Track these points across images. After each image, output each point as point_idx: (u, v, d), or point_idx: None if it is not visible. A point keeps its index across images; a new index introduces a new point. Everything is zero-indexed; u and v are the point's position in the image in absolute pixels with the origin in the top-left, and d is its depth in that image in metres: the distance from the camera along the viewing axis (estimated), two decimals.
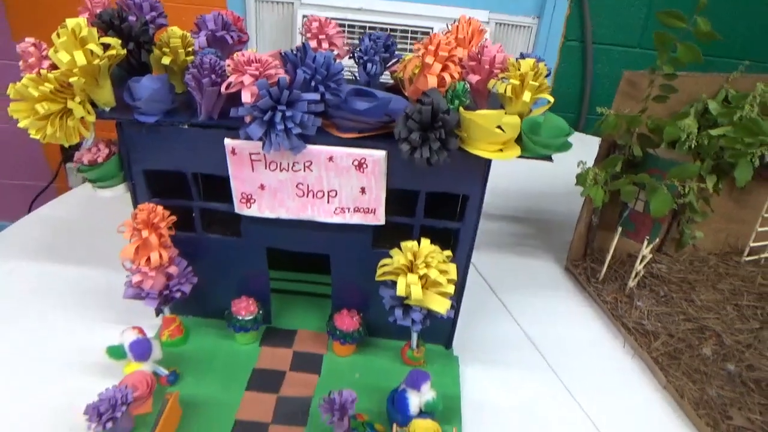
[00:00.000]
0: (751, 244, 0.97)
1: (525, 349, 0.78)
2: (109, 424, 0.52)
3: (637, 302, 0.86)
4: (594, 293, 0.88)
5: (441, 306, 0.62)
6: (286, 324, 0.76)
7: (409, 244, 0.62)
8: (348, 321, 0.71)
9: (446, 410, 0.64)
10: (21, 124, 0.56)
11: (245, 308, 0.70)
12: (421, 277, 0.61)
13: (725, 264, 0.98)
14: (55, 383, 0.66)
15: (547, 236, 1.03)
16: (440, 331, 0.74)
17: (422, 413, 0.61)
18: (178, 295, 0.67)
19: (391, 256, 0.64)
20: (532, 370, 0.75)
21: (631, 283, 0.88)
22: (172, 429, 0.60)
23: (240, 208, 0.65)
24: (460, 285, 0.69)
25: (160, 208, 0.63)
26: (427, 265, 0.61)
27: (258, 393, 0.66)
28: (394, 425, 0.60)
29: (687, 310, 0.86)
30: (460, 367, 0.73)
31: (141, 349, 0.62)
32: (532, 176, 1.22)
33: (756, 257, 0.98)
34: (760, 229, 0.96)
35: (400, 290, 0.61)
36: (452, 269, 0.63)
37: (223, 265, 0.71)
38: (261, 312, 0.72)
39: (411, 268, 0.61)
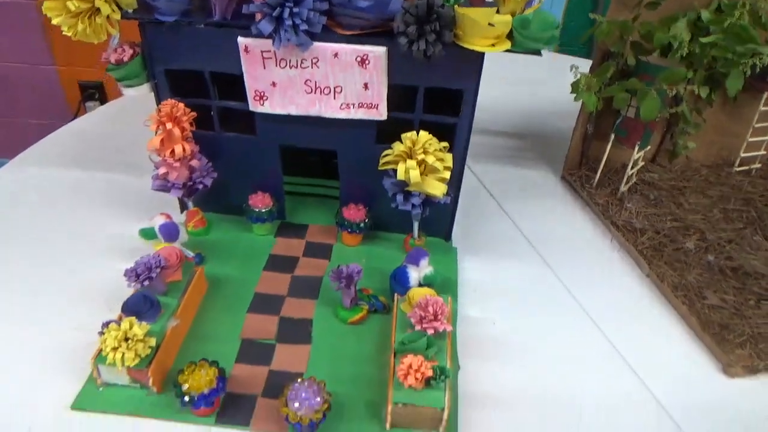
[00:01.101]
0: (742, 155, 1.01)
1: (519, 244, 0.85)
2: (146, 282, 0.60)
3: (627, 204, 0.91)
4: (587, 197, 0.94)
5: (438, 189, 0.68)
6: (299, 219, 0.83)
7: (409, 134, 0.68)
8: (355, 212, 0.77)
9: (443, 287, 0.71)
10: (54, 21, 0.62)
11: (261, 201, 0.77)
12: (419, 164, 0.67)
13: (716, 174, 1.02)
14: (95, 266, 0.74)
15: (545, 150, 1.08)
16: (440, 223, 0.81)
17: (421, 286, 0.68)
18: (200, 186, 0.74)
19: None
20: (524, 260, 0.81)
21: (623, 188, 0.94)
22: (198, 297, 0.68)
23: (254, 106, 0.71)
24: (457, 178, 0.75)
25: (181, 104, 0.69)
26: (425, 152, 0.67)
27: (274, 273, 0.74)
28: (396, 296, 0.67)
29: (675, 211, 0.91)
30: (457, 257, 0.80)
31: (169, 231, 0.70)
32: (532, 98, 1.26)
33: (746, 168, 1.03)
34: (750, 139, 1.00)
35: (400, 174, 0.67)
36: (448, 158, 0.69)
37: (240, 162, 0.77)
38: (275, 206, 0.78)
39: (410, 154, 0.67)
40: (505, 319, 0.72)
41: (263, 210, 0.77)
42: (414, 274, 0.68)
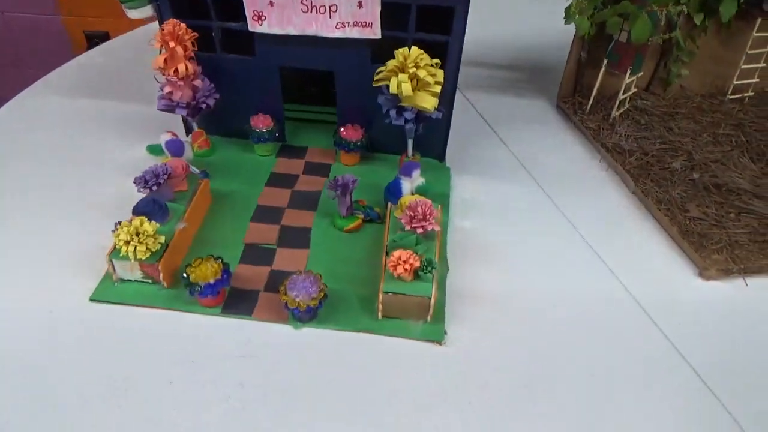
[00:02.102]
0: (735, 82, 1.03)
1: (511, 165, 0.88)
2: (155, 188, 0.64)
3: (618, 128, 0.94)
4: (579, 122, 0.96)
5: (429, 103, 0.71)
6: (299, 142, 0.87)
7: (401, 50, 0.70)
8: (352, 132, 0.81)
9: (435, 199, 0.75)
10: None
11: (262, 122, 0.81)
12: (411, 78, 0.70)
13: (709, 102, 1.04)
14: (106, 183, 0.78)
15: (541, 81, 1.10)
16: (434, 144, 0.84)
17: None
18: (203, 106, 0.78)
19: None
20: (515, 179, 0.85)
21: (615, 113, 0.96)
22: (204, 208, 0.73)
23: (253, 26, 0.74)
24: (450, 95, 0.78)
25: (183, 24, 0.72)
26: (417, 66, 0.69)
27: (276, 188, 0.78)
28: (389, 205, 0.71)
29: (664, 135, 0.93)
30: (451, 175, 0.83)
31: (176, 147, 0.74)
32: (530, 31, 1.27)
33: (739, 96, 1.04)
34: (743, 67, 1.01)
35: (392, 88, 0.70)
36: (440, 73, 0.72)
37: (241, 84, 0.81)
38: (276, 127, 0.82)
39: (402, 69, 0.70)
40: (494, 229, 0.76)
41: (264, 130, 0.81)
42: (407, 185, 0.72)
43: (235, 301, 0.63)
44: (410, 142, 0.80)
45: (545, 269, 0.71)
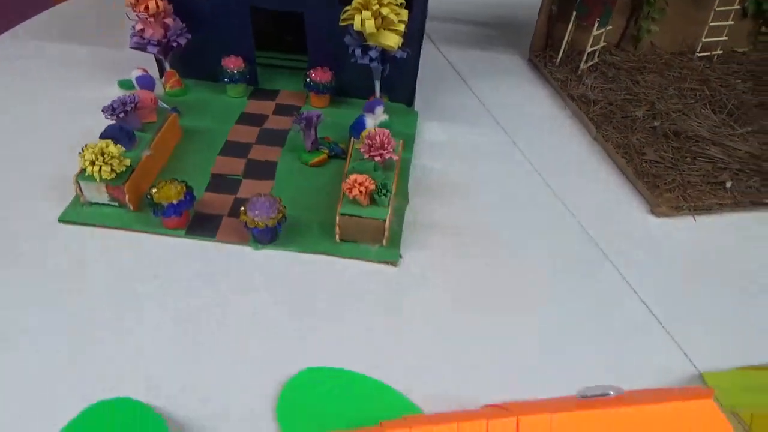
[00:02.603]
0: (704, 40, 1.05)
1: (478, 113, 0.90)
2: (122, 116, 0.66)
3: (585, 80, 0.96)
4: (548, 74, 0.98)
5: (393, 41, 0.73)
6: (271, 86, 0.89)
7: None
8: (322, 74, 0.83)
9: (400, 139, 0.77)
10: None
11: (233, 63, 0.83)
12: (375, 16, 0.72)
13: (678, 59, 1.06)
14: (78, 118, 0.80)
15: (514, 36, 1.11)
16: (402, 89, 0.86)
17: None
18: (175, 44, 0.79)
19: None
20: (481, 125, 0.87)
21: (583, 65, 0.98)
22: (173, 141, 0.75)
23: None
24: (417, 37, 0.80)
25: None
26: (381, 4, 0.71)
27: (245, 126, 0.80)
28: (352, 139, 0.73)
29: (630, 87, 0.96)
30: (418, 120, 0.86)
31: (146, 82, 0.75)
32: None
33: (708, 54, 1.06)
34: (712, 24, 1.03)
35: (357, 25, 0.72)
36: (404, 13, 0.73)
37: (212, 24, 0.82)
38: (247, 68, 0.84)
39: (366, 6, 0.72)
40: (456, 169, 0.78)
41: (235, 71, 0.82)
42: (370, 121, 0.74)
43: (199, 224, 0.65)
44: (377, 84, 0.82)
45: (503, 205, 0.73)
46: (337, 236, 0.64)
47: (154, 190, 0.62)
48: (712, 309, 0.62)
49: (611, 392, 0.39)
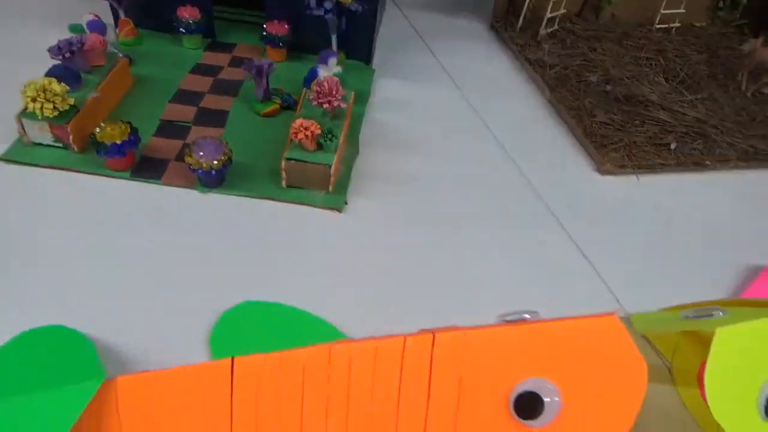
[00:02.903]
0: (662, 11, 1.06)
1: (436, 73, 0.91)
2: (68, 55, 0.65)
3: (544, 45, 0.97)
4: (508, 39, 0.99)
5: None
6: (228, 39, 0.88)
7: None
8: (278, 27, 0.82)
9: (356, 94, 0.78)
10: None
11: (189, 12, 0.82)
12: None
13: (638, 30, 1.07)
14: (30, 64, 0.79)
15: (477, 1, 1.12)
16: (360, 47, 0.86)
17: None
18: None
19: None
20: (438, 85, 0.88)
21: (543, 31, 0.99)
22: (123, 87, 0.74)
23: None
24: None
25: None
26: None
27: (199, 76, 0.79)
28: (304, 90, 0.74)
29: (587, 53, 0.97)
30: (375, 77, 0.86)
31: (97, 26, 0.74)
32: None
33: (666, 26, 1.08)
34: None
35: None
36: None
37: None
38: (203, 18, 0.83)
39: None
40: (410, 124, 0.79)
41: (191, 21, 0.82)
42: (323, 72, 0.74)
43: (145, 166, 0.65)
44: (334, 38, 0.82)
45: (453, 159, 0.74)
46: (283, 182, 0.64)
47: (97, 130, 0.61)
48: (643, 259, 0.65)
49: (527, 316, 0.41)
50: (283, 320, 0.51)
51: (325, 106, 0.65)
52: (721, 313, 0.44)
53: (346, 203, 0.65)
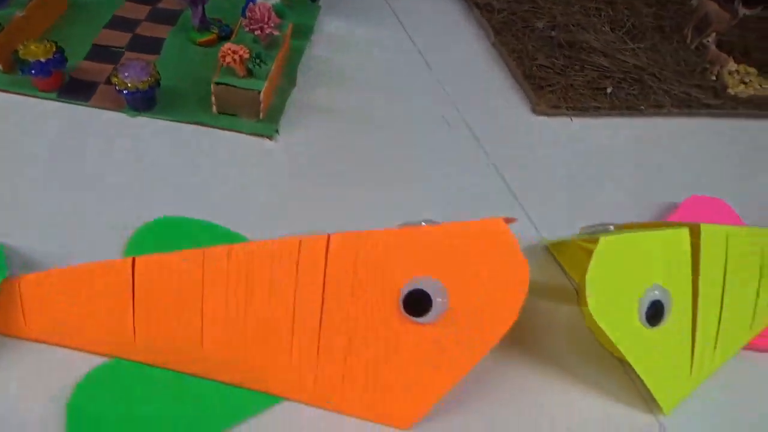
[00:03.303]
0: None
1: (382, 12, 0.90)
2: None
3: None
4: None
5: None
6: None
7: None
8: None
9: (299, 30, 0.77)
10: None
11: None
12: None
13: None
14: None
15: None
16: None
17: None
18: None
19: None
20: (383, 23, 0.87)
21: None
22: (55, 11, 0.73)
23: None
24: None
25: None
26: None
27: (137, 4, 0.78)
28: (241, 19, 0.73)
29: (536, 0, 0.97)
30: (320, 13, 0.85)
31: None
32: None
33: None
34: None
35: None
36: None
37: None
38: None
39: None
40: (350, 61, 0.79)
41: None
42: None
43: (74, 88, 0.64)
44: None
45: (389, 94, 0.75)
46: (213, 107, 0.64)
47: (21, 47, 0.60)
48: (567, 194, 0.67)
49: (424, 223, 0.42)
50: (200, 235, 0.52)
51: (257, 33, 0.64)
52: (611, 227, 0.46)
53: (277, 131, 0.65)
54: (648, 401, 0.48)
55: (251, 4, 0.66)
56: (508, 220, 0.44)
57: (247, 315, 0.41)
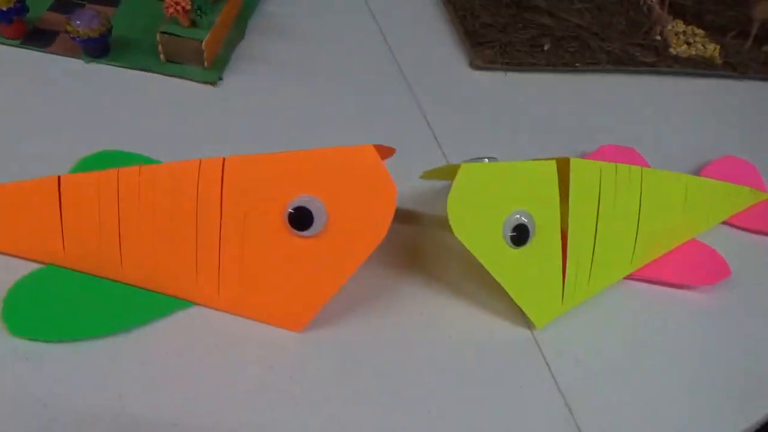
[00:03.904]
0: None
1: None
2: None
3: None
4: None
5: None
6: None
7: None
8: None
9: None
10: None
11: None
12: None
13: None
14: None
15: None
16: None
17: None
18: None
19: None
20: None
21: None
22: None
23: None
24: None
25: None
26: None
27: None
28: None
29: None
30: None
31: None
32: None
33: None
34: None
35: None
36: None
37: None
38: None
39: None
40: (301, 20, 0.83)
41: None
42: None
43: (36, 37, 0.71)
44: None
45: (337, 50, 0.80)
46: (161, 55, 0.70)
47: None
48: (490, 144, 0.71)
49: (486, 160, 0.48)
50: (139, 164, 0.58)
51: None
52: (486, 160, 0.52)
53: (221, 78, 0.71)
54: (528, 320, 0.54)
55: None
56: (389, 150, 0.50)
57: (157, 228, 0.47)
